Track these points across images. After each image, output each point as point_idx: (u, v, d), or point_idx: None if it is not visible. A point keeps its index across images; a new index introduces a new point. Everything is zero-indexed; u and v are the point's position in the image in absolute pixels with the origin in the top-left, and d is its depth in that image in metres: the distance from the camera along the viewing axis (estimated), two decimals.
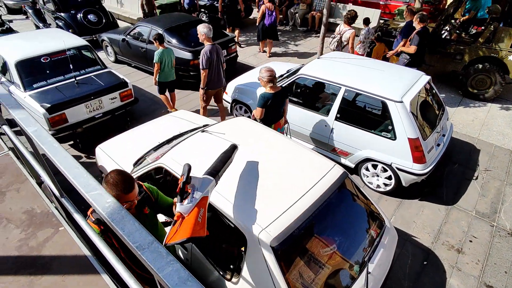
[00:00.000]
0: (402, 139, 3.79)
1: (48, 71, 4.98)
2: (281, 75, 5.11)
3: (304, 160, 2.80)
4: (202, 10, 10.03)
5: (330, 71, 4.44)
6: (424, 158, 3.82)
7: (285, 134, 4.27)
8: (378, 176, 4.24)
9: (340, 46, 6.11)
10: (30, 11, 10.12)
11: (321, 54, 6.98)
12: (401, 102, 3.75)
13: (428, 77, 4.28)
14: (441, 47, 6.39)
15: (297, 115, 4.60)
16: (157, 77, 5.46)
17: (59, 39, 5.36)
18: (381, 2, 9.99)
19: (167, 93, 5.81)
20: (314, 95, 5.06)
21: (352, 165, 4.35)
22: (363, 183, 4.40)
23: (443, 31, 6.82)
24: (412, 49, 5.28)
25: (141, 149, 3.59)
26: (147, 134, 3.97)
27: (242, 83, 5.37)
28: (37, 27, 9.95)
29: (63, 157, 0.87)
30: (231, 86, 5.47)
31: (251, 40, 9.60)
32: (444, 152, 4.27)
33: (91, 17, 8.96)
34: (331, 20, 9.64)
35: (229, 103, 5.53)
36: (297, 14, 10.48)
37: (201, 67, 4.72)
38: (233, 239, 2.46)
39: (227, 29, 8.78)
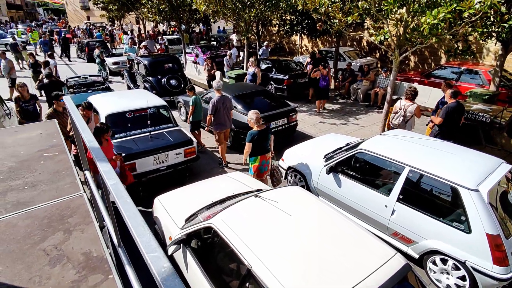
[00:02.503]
0: (479, 233, 3.30)
1: (129, 125, 5.68)
2: (340, 148, 5.06)
3: (360, 242, 2.57)
4: (270, 82, 10.89)
5: (393, 148, 4.27)
6: (507, 260, 3.23)
7: (272, 162, 5.10)
8: (448, 273, 3.65)
9: (404, 121, 6.06)
10: (126, 74, 12.08)
11: (384, 130, 6.85)
12: (477, 191, 3.36)
13: (509, 166, 3.84)
14: None
15: (354, 191, 4.39)
16: (191, 117, 6.88)
17: (143, 99, 6.19)
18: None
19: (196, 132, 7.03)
20: (374, 172, 4.83)
21: (416, 256, 3.84)
22: (430, 280, 3.80)
23: None
24: (437, 120, 5.55)
25: (195, 206, 3.69)
26: (203, 192, 4.10)
27: (299, 152, 5.43)
28: (129, 87, 11.72)
29: (133, 213, 0.92)
30: (288, 153, 5.55)
31: (312, 111, 9.93)
32: None
33: (172, 82, 10.31)
34: (395, 97, 9.61)
35: (284, 169, 5.56)
36: (359, 90, 10.72)
37: (208, 112, 6.12)
38: None
39: (317, 101, 9.98)
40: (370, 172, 4.83)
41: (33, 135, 3.78)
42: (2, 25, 42.00)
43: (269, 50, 14.87)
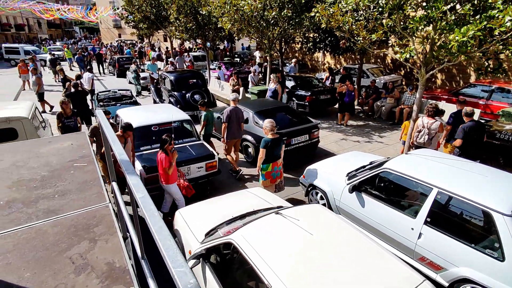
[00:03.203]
0: None
1: (154, 138, 5.84)
2: (363, 166, 4.95)
3: (385, 266, 2.46)
4: (293, 98, 10.95)
5: (419, 168, 4.12)
6: None
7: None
8: None
9: (429, 139, 5.92)
10: (152, 88, 12.54)
11: (409, 149, 6.65)
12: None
13: None
14: None
15: (378, 211, 4.24)
16: (203, 130, 6.99)
17: (168, 113, 6.38)
18: (480, 102, 9.41)
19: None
20: (399, 193, 4.66)
21: (446, 284, 3.62)
22: None
23: None
24: (457, 142, 5.54)
25: (215, 220, 3.69)
26: (223, 206, 4.10)
27: (321, 169, 5.35)
28: (155, 102, 12.13)
29: (159, 226, 0.94)
30: (310, 171, 5.48)
31: (334, 128, 9.82)
32: None
33: (196, 96, 10.58)
34: (421, 115, 9.35)
35: (305, 186, 5.48)
36: (383, 107, 10.53)
37: (222, 121, 6.50)
38: None
39: (339, 114, 10.17)
40: (395, 192, 4.66)
41: (64, 145, 3.96)
42: (43, 42, 45.21)
43: (297, 67, 15.01)
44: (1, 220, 2.43)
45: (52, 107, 11.76)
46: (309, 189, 5.43)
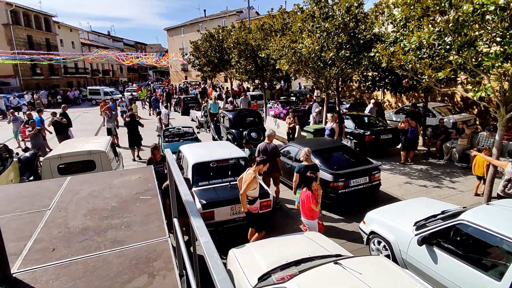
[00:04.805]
0: None
1: (212, 174, 6.04)
2: (434, 216, 4.43)
3: None
4: (348, 136, 10.63)
5: (505, 222, 3.55)
6: None
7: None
8: None
9: None
10: (212, 126, 13.27)
11: (489, 199, 5.83)
12: None
13: None
14: None
15: (454, 269, 3.68)
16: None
17: (226, 150, 6.61)
18: None
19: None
20: (479, 249, 4.02)
21: None
22: None
23: None
24: None
25: (269, 264, 3.55)
26: (278, 249, 3.94)
27: (384, 215, 4.92)
28: (213, 138, 12.77)
29: (223, 277, 0.91)
30: (371, 216, 5.08)
31: (397, 169, 9.16)
32: None
33: (253, 134, 10.88)
34: (502, 159, 8.26)
35: (366, 234, 5.06)
36: (454, 149, 9.59)
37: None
38: None
39: (402, 152, 9.78)
40: (474, 248, 4.03)
41: (133, 178, 4.29)
42: (121, 84, 52.02)
43: (375, 109, 13.39)
44: (76, 246, 2.62)
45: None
46: (370, 237, 4.99)
